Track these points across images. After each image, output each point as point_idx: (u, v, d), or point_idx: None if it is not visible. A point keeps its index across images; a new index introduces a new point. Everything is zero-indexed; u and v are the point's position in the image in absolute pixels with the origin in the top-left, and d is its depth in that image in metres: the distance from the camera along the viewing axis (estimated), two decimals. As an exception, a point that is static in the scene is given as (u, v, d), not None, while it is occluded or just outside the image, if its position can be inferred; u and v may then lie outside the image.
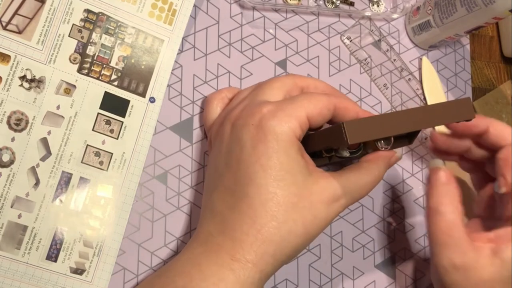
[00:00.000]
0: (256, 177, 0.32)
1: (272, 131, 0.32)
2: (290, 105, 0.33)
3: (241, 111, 0.35)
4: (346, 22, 0.48)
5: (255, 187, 0.32)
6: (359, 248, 0.45)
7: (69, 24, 0.39)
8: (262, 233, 0.31)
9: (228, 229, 0.33)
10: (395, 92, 0.49)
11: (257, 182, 0.32)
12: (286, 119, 0.32)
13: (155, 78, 0.40)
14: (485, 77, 0.54)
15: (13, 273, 0.36)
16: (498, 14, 0.42)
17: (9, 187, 0.37)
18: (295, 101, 0.33)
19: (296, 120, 0.32)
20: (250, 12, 0.46)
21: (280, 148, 0.32)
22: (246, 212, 0.32)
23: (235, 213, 0.32)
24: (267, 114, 0.32)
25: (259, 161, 0.32)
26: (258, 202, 0.32)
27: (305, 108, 0.33)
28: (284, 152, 0.32)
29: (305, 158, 0.34)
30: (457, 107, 0.36)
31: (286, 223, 0.32)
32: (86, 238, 0.38)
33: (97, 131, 0.39)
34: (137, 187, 0.40)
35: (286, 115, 0.32)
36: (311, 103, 0.33)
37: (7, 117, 0.37)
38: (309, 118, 0.33)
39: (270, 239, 0.32)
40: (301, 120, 0.33)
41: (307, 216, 0.32)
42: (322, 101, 0.34)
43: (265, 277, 0.33)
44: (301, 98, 0.34)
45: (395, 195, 0.47)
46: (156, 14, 0.41)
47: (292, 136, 0.32)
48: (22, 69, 0.38)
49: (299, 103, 0.33)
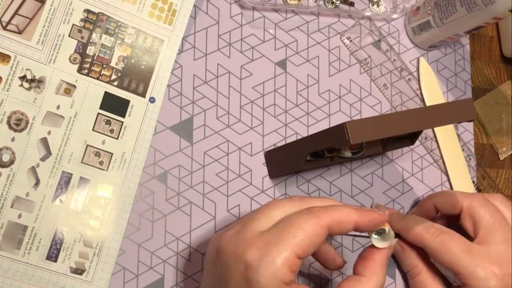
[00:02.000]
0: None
1: (256, 284, 0.29)
2: (275, 248, 0.29)
3: (231, 236, 0.32)
4: (346, 22, 0.48)
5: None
6: (359, 248, 0.45)
7: (69, 24, 0.39)
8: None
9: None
10: (395, 92, 0.49)
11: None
12: (270, 269, 0.29)
13: (155, 78, 0.40)
14: (485, 77, 0.54)
15: (13, 273, 0.36)
16: (498, 14, 0.42)
17: (9, 187, 0.37)
18: (280, 239, 0.30)
19: (282, 266, 0.29)
20: (250, 12, 0.46)
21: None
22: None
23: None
24: (252, 263, 0.30)
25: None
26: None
27: (292, 247, 0.29)
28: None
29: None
30: (458, 107, 0.36)
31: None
32: (86, 238, 0.38)
33: (97, 131, 0.39)
34: (137, 187, 0.40)
35: (271, 263, 0.29)
36: (298, 236, 0.30)
37: (7, 117, 0.37)
38: (300, 254, 0.30)
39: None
40: (289, 262, 0.29)
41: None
42: (309, 230, 0.30)
43: None
44: (287, 233, 0.30)
45: (395, 195, 0.47)
46: (156, 14, 0.41)
47: (278, 284, 0.29)
48: (22, 69, 0.38)
49: (286, 242, 0.30)
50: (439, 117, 0.35)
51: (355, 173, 0.46)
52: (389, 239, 0.33)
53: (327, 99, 0.47)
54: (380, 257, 0.33)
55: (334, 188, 0.46)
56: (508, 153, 0.53)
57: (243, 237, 0.31)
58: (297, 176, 0.45)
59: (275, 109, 0.45)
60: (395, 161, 0.48)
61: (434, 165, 0.49)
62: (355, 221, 0.31)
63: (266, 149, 0.44)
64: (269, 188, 0.44)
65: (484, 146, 0.53)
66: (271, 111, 0.45)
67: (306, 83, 0.46)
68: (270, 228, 0.31)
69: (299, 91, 0.46)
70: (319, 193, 0.45)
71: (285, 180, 0.44)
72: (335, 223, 0.31)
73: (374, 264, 0.32)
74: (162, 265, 0.40)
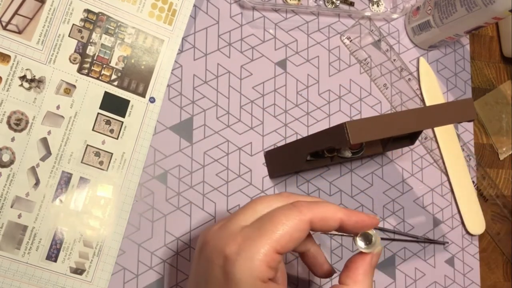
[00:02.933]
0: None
1: (233, 277, 0.29)
2: (254, 243, 0.29)
3: (216, 231, 0.32)
4: (346, 22, 0.48)
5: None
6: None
7: (69, 24, 0.39)
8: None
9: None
10: (395, 92, 0.49)
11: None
12: (247, 264, 0.29)
13: (155, 78, 0.40)
14: (485, 77, 0.54)
15: (13, 273, 0.36)
16: (498, 14, 0.42)
17: (9, 187, 0.37)
18: (259, 233, 0.29)
19: (259, 262, 0.29)
20: (250, 12, 0.46)
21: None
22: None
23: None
24: (230, 256, 0.29)
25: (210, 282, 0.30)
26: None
27: (271, 242, 0.29)
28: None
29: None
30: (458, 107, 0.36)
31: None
32: (86, 238, 0.38)
33: (97, 131, 0.39)
34: (137, 187, 0.40)
35: (249, 259, 0.29)
36: (278, 230, 0.29)
37: (7, 117, 0.37)
38: (279, 250, 0.29)
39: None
40: (267, 258, 0.29)
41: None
42: (290, 225, 0.29)
43: None
44: (267, 227, 0.29)
45: (395, 195, 0.47)
46: (156, 14, 0.41)
47: (255, 281, 0.29)
48: (22, 69, 0.38)
49: (265, 237, 0.29)
50: (439, 117, 0.35)
51: (355, 173, 0.46)
52: (374, 244, 0.32)
53: (327, 99, 0.47)
54: (363, 265, 0.32)
55: (334, 188, 0.46)
56: (508, 153, 0.53)
57: (226, 231, 0.31)
58: (297, 176, 0.45)
59: (275, 109, 0.45)
60: (395, 161, 0.48)
61: (434, 165, 0.49)
62: (340, 219, 0.31)
63: (266, 149, 0.44)
64: (269, 188, 0.44)
65: (484, 146, 0.53)
66: (271, 111, 0.45)
67: (306, 83, 0.46)
68: (252, 222, 0.31)
69: (299, 91, 0.46)
70: (319, 193, 0.45)
71: (285, 180, 0.44)
72: (318, 219, 0.30)
73: (356, 272, 0.31)
74: (162, 265, 0.40)
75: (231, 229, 0.31)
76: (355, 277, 0.31)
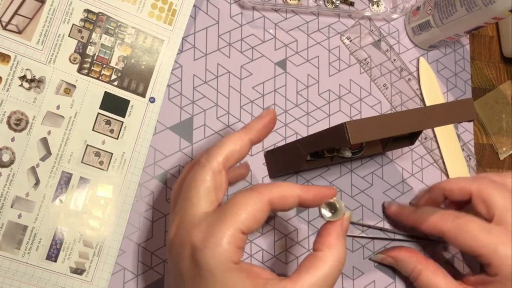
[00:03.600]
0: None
1: (205, 265, 0.29)
2: (218, 227, 0.29)
3: (176, 227, 0.32)
4: (346, 22, 0.48)
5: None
6: (359, 248, 0.45)
7: (69, 24, 0.39)
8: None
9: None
10: (395, 92, 0.49)
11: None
12: (217, 249, 0.29)
13: (155, 78, 0.40)
14: (485, 77, 0.54)
15: (13, 273, 0.36)
16: (498, 14, 0.42)
17: (9, 187, 0.37)
18: (223, 218, 0.30)
19: (228, 245, 0.29)
20: (250, 12, 0.46)
21: (217, 281, 0.29)
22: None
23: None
24: (198, 245, 0.30)
25: (184, 275, 0.30)
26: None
27: (236, 224, 0.29)
28: (222, 284, 0.29)
29: (252, 274, 0.30)
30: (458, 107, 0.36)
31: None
32: (86, 238, 0.38)
33: (97, 131, 0.39)
34: (137, 187, 0.40)
35: (216, 243, 0.29)
36: (241, 213, 0.30)
37: (7, 117, 0.37)
38: (244, 230, 0.30)
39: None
40: (235, 239, 0.29)
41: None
42: (251, 206, 0.30)
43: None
44: (230, 211, 0.30)
45: (395, 195, 0.47)
46: (156, 14, 0.41)
47: (227, 264, 0.29)
48: (22, 69, 0.38)
49: (229, 221, 0.30)
50: (439, 117, 0.35)
51: (355, 173, 0.46)
52: (340, 211, 0.32)
53: (327, 99, 0.47)
54: (334, 229, 0.32)
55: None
56: (508, 153, 0.53)
57: (188, 223, 0.31)
58: (297, 176, 0.45)
59: (275, 109, 0.45)
60: (395, 161, 0.48)
61: (434, 165, 0.49)
62: (298, 195, 0.31)
63: (266, 149, 0.44)
64: (269, 188, 0.44)
65: (484, 146, 0.53)
66: (271, 111, 0.45)
67: (306, 83, 0.46)
68: (214, 209, 0.31)
69: (299, 91, 0.46)
70: (319, 193, 0.45)
71: (285, 180, 0.44)
72: (277, 198, 0.31)
73: (329, 237, 0.31)
74: (162, 265, 0.40)
75: (192, 219, 0.31)
76: (329, 242, 0.31)
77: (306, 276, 0.30)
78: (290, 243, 0.44)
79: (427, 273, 0.41)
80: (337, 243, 0.31)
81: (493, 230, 0.37)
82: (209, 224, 0.30)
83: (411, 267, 0.42)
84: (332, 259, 0.30)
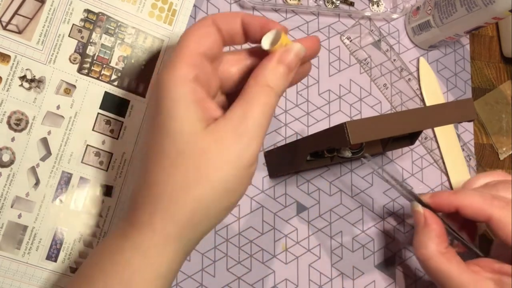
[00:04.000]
0: (150, 132, 0.30)
1: (161, 83, 0.29)
2: (175, 51, 0.30)
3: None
4: (346, 22, 0.48)
5: (144, 142, 0.31)
6: (359, 248, 0.45)
7: (69, 24, 0.39)
8: (153, 189, 0.29)
9: (130, 195, 0.32)
10: (395, 92, 0.49)
11: (145, 136, 0.31)
12: (171, 67, 0.29)
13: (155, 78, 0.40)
14: (485, 77, 0.54)
15: (13, 273, 0.36)
16: (498, 14, 0.42)
17: (9, 187, 0.37)
18: (179, 43, 0.30)
19: (182, 63, 0.29)
20: (250, 12, 0.46)
21: (167, 96, 0.29)
22: (140, 172, 0.30)
23: (135, 176, 0.32)
24: (159, 76, 0.30)
25: (151, 116, 0.30)
26: (148, 158, 0.30)
27: (188, 45, 0.29)
28: (171, 99, 0.29)
29: (204, 106, 0.29)
30: (458, 107, 0.36)
31: (175, 174, 0.28)
32: (86, 238, 0.38)
33: (97, 131, 0.39)
34: (137, 187, 0.40)
35: (171, 63, 0.29)
36: (194, 37, 0.30)
37: (7, 117, 0.37)
38: (200, 51, 0.29)
39: (161, 193, 0.28)
40: (189, 60, 0.29)
41: (199, 163, 0.28)
42: (197, 29, 0.30)
43: (170, 241, 0.29)
44: (184, 36, 0.30)
45: (395, 195, 0.47)
46: (156, 14, 0.41)
47: (179, 82, 0.29)
48: (22, 69, 0.38)
49: (181, 43, 0.30)
50: (439, 117, 0.35)
51: (355, 173, 0.46)
52: (280, 43, 0.30)
53: (327, 99, 0.47)
54: (269, 60, 0.30)
55: (334, 188, 0.46)
56: (508, 153, 0.53)
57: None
58: (297, 176, 0.45)
59: (275, 109, 0.45)
60: (395, 161, 0.48)
61: (434, 165, 0.49)
62: (241, 16, 0.31)
63: (266, 149, 0.44)
64: (269, 188, 0.44)
65: (484, 146, 0.53)
66: (271, 111, 0.45)
67: (306, 83, 0.46)
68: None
69: (299, 91, 0.46)
70: (319, 193, 0.45)
71: (285, 180, 0.44)
72: (219, 16, 0.30)
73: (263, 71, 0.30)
74: (162, 265, 0.40)
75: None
76: (262, 77, 0.29)
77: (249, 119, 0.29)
78: (290, 243, 0.44)
79: (440, 256, 0.36)
80: (272, 78, 0.29)
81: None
82: (169, 59, 0.30)
83: (438, 241, 0.36)
84: (261, 100, 0.29)
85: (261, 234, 0.43)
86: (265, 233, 0.43)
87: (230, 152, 0.28)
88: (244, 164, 0.29)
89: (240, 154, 0.28)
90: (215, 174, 0.28)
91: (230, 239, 0.42)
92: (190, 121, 0.28)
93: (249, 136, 0.29)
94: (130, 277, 0.28)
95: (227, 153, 0.28)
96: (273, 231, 0.43)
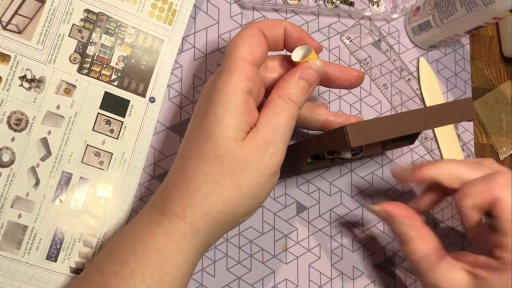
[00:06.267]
0: (194, 132, 0.33)
1: (217, 91, 0.32)
2: (229, 59, 0.32)
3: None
4: (346, 22, 0.48)
5: (186, 141, 0.33)
6: (359, 248, 0.45)
7: (69, 24, 0.39)
8: (189, 185, 0.31)
9: (164, 186, 0.33)
10: (395, 92, 0.49)
11: (189, 136, 0.33)
12: (227, 77, 0.32)
13: (155, 78, 0.40)
14: (485, 77, 0.54)
15: (13, 273, 0.36)
16: (498, 14, 0.42)
17: (9, 187, 0.37)
18: (233, 52, 0.33)
19: (238, 74, 0.31)
20: (250, 12, 0.46)
21: (220, 104, 0.31)
22: (178, 166, 0.33)
23: (172, 169, 0.33)
24: (216, 76, 0.33)
25: (198, 117, 0.33)
26: (188, 156, 0.32)
27: (243, 56, 0.32)
28: (223, 107, 0.31)
29: (251, 116, 0.32)
30: (458, 107, 0.36)
31: (212, 175, 0.31)
32: (86, 238, 0.38)
33: (97, 131, 0.39)
34: (137, 187, 0.40)
35: (227, 73, 0.32)
36: (247, 47, 0.32)
37: (7, 117, 0.37)
38: (253, 62, 0.32)
39: (196, 190, 0.31)
40: (244, 72, 0.32)
41: (235, 169, 0.31)
42: (246, 35, 0.33)
43: (198, 233, 0.31)
44: (237, 44, 0.33)
45: (395, 195, 0.47)
46: (156, 14, 0.41)
47: (233, 93, 0.31)
48: (22, 69, 0.38)
49: (236, 51, 0.32)
50: (439, 117, 0.35)
51: (355, 173, 0.46)
52: (309, 57, 0.33)
53: (327, 99, 0.47)
54: (292, 73, 0.33)
55: (334, 188, 0.46)
56: (508, 153, 0.53)
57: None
58: (297, 176, 0.45)
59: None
60: (395, 161, 0.48)
61: (434, 165, 0.49)
62: (284, 25, 0.34)
63: (266, 149, 0.44)
64: (269, 188, 0.44)
65: (484, 146, 0.53)
66: (271, 111, 0.45)
67: (306, 83, 0.46)
68: None
69: (299, 91, 0.46)
70: (319, 193, 0.45)
71: (285, 180, 0.44)
72: (264, 25, 0.34)
73: (285, 83, 0.33)
74: (162, 265, 0.40)
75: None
76: (284, 88, 0.33)
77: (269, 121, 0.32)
78: (290, 243, 0.44)
79: (419, 244, 0.36)
80: (294, 93, 0.32)
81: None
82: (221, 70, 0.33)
83: (403, 230, 0.37)
84: (286, 113, 0.32)
85: (261, 234, 0.43)
86: (265, 233, 0.43)
87: (260, 161, 0.31)
88: (270, 172, 0.32)
89: (268, 163, 0.31)
90: (246, 182, 0.31)
91: (230, 239, 0.42)
92: (236, 129, 0.31)
93: (276, 146, 0.31)
94: (163, 262, 0.31)
95: (259, 163, 0.31)
96: (273, 231, 0.43)
